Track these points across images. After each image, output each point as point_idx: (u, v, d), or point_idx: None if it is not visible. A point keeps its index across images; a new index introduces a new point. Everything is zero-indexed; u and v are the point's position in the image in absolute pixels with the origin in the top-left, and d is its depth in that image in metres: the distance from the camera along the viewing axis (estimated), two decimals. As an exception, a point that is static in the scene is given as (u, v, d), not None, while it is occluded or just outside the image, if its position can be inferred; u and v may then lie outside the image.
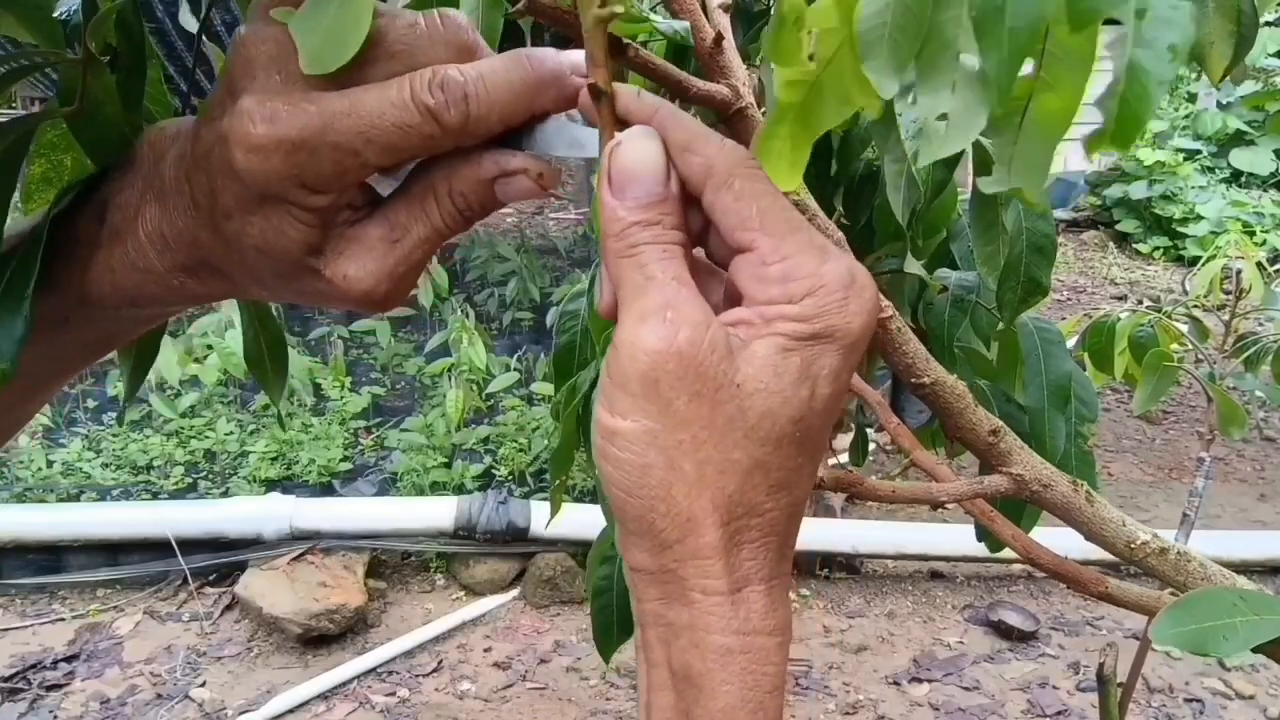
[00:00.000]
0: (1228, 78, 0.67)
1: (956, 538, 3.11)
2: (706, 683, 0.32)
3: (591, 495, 3.19)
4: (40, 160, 0.46)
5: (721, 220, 0.33)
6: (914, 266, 0.90)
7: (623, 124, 0.35)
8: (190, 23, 0.65)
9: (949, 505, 0.60)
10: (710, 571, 0.32)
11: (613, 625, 1.06)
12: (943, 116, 0.26)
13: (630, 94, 0.34)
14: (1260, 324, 2.24)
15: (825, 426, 0.33)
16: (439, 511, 3.03)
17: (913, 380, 0.53)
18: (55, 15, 0.42)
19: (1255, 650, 0.55)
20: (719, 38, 0.47)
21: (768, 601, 0.33)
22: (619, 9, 0.33)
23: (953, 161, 0.68)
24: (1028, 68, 0.26)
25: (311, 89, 0.34)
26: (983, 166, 0.80)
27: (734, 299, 0.34)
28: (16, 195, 0.40)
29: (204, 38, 0.55)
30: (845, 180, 0.88)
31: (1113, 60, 0.25)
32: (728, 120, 0.49)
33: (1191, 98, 8.69)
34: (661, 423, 0.31)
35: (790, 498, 0.33)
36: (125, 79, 0.41)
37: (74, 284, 0.40)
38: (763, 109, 0.46)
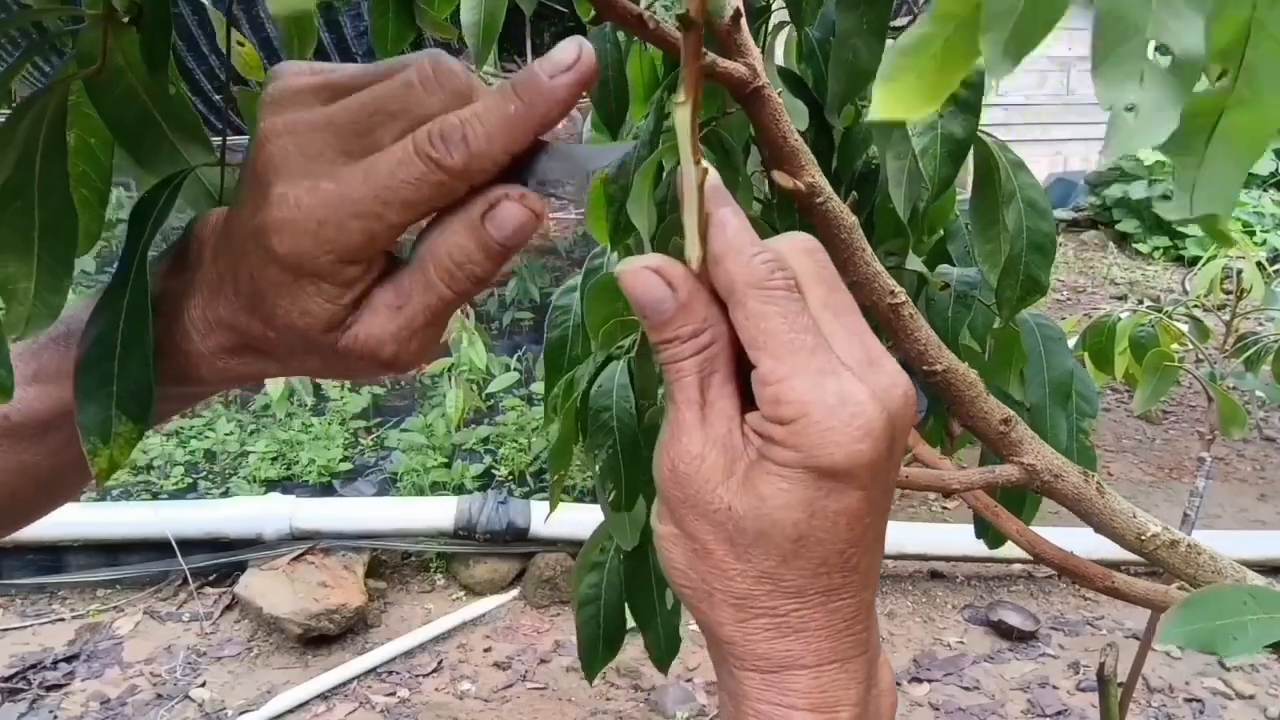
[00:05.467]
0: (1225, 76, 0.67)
1: (956, 537, 3.11)
2: None
3: (591, 495, 3.18)
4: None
5: (740, 336, 0.35)
6: (915, 263, 0.90)
7: (706, 63, 0.34)
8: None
9: (950, 505, 0.60)
10: (737, 654, 0.36)
11: (599, 639, 1.01)
12: (1130, 108, 0.24)
13: (712, 183, 0.36)
14: (1260, 324, 2.24)
15: (845, 541, 0.34)
16: (439, 511, 3.03)
17: (924, 368, 0.53)
18: None
19: (1267, 648, 0.54)
20: (737, 14, 0.46)
21: (814, 684, 0.35)
22: None
23: (959, 157, 0.68)
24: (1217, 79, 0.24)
25: (330, 168, 0.36)
26: (983, 165, 0.79)
27: None
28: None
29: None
30: (847, 177, 0.88)
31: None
32: (744, 99, 0.48)
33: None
34: (680, 529, 0.36)
35: (822, 598, 0.35)
36: (149, 39, 0.40)
37: None
38: (779, 90, 0.46)
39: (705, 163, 0.36)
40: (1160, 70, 0.24)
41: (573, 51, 0.36)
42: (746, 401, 0.35)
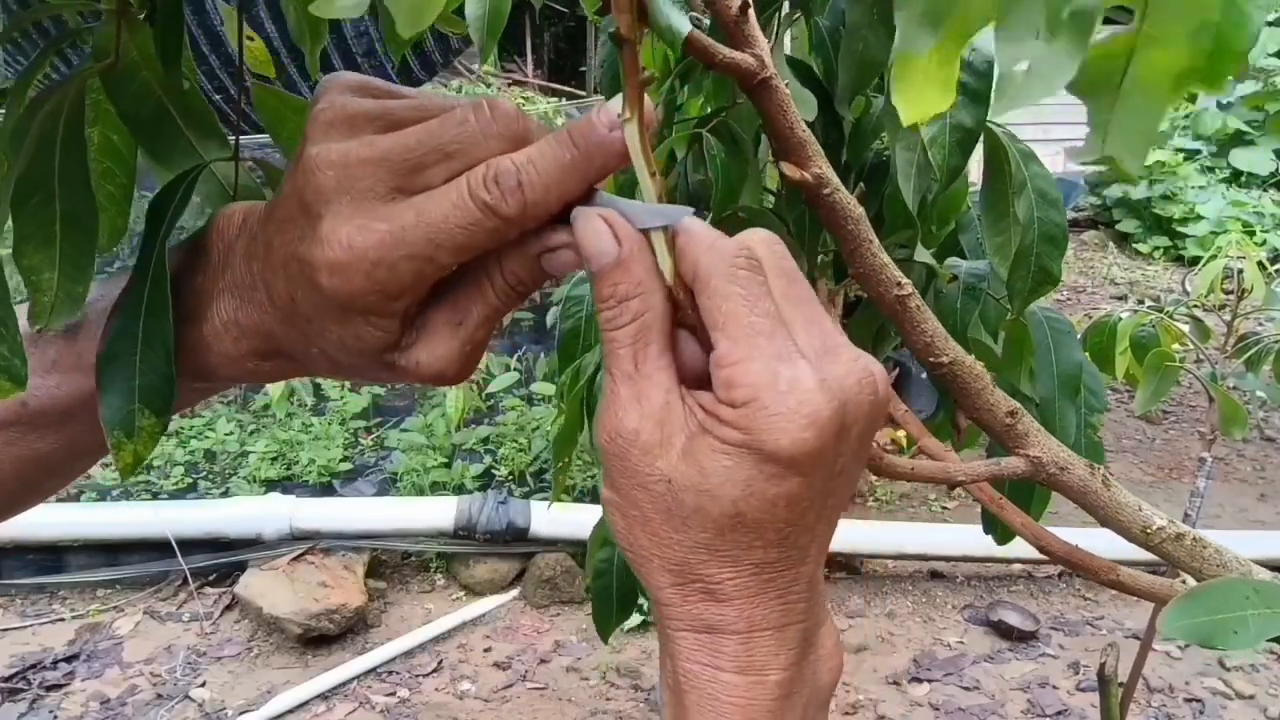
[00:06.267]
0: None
1: (956, 537, 3.11)
2: (683, 699, 0.37)
3: (592, 495, 3.18)
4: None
5: (704, 319, 0.35)
6: (924, 255, 0.90)
7: (642, 81, 0.35)
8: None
9: (950, 505, 0.60)
10: (673, 615, 0.37)
11: (611, 605, 1.09)
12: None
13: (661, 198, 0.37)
14: (1261, 324, 2.24)
15: (782, 520, 0.34)
16: (439, 511, 3.03)
17: (930, 359, 0.53)
18: None
19: (1269, 643, 0.54)
20: (745, 5, 0.46)
21: (743, 649, 0.36)
22: None
23: (968, 147, 0.67)
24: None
25: (381, 206, 0.36)
26: (994, 156, 0.79)
27: None
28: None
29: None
30: (857, 168, 0.88)
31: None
32: (751, 90, 0.48)
33: (1191, 97, 8.69)
34: (621, 498, 0.36)
35: (756, 569, 0.35)
36: (163, 34, 0.41)
37: None
38: (786, 81, 0.46)
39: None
40: (1060, 21, 0.23)
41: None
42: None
